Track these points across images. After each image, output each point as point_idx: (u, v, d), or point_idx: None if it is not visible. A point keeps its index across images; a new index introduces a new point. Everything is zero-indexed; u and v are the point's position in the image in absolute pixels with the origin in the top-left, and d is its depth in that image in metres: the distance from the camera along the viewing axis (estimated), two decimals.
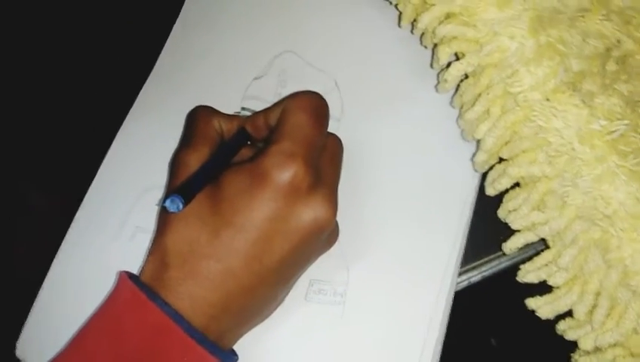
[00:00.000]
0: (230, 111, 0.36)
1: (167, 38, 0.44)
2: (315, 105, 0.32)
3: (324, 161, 0.32)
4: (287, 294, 0.34)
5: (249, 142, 0.35)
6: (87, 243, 0.40)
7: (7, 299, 0.41)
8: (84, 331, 0.30)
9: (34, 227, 0.42)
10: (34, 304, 0.39)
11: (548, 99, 0.30)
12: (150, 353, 0.28)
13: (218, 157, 0.32)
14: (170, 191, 0.30)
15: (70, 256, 0.40)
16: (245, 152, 0.34)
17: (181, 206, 0.28)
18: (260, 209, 0.29)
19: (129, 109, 0.43)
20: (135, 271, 0.32)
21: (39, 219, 0.42)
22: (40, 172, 0.45)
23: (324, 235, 0.31)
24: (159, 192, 0.39)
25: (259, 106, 0.37)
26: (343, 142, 0.34)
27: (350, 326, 0.34)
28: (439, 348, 0.33)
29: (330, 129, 0.33)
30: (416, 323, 0.33)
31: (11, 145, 0.45)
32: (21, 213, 0.44)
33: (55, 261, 0.40)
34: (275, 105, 0.33)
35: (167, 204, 0.28)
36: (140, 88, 0.43)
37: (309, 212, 0.29)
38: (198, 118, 0.34)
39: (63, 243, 0.40)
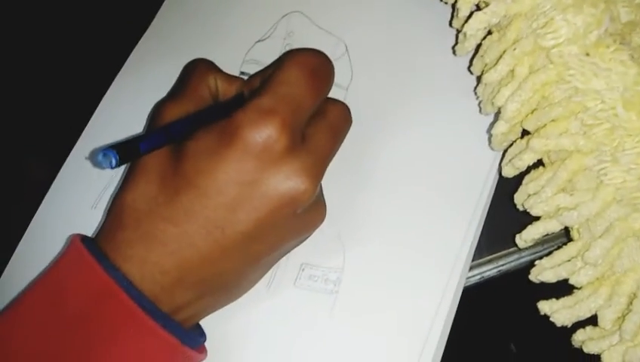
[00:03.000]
0: None
1: None
2: (313, 63, 0.29)
3: (317, 128, 0.29)
4: (262, 275, 0.32)
5: None
6: (64, 209, 0.39)
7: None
8: (26, 292, 0.29)
9: (35, 199, 0.41)
10: (5, 270, 0.38)
11: (588, 54, 0.26)
12: (91, 319, 0.27)
13: (194, 117, 0.30)
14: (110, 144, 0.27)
15: (46, 222, 0.39)
16: None
17: (114, 162, 0.25)
18: (225, 171, 0.27)
19: None
20: None
21: (39, 190, 0.42)
22: (42, 147, 0.45)
23: (299, 209, 0.28)
24: None
25: None
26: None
27: (340, 321, 0.31)
28: (441, 351, 0.31)
29: (337, 97, 0.32)
30: (417, 322, 0.30)
31: (16, 122, 0.46)
32: (23, 186, 0.45)
33: (31, 225, 0.39)
34: (273, 63, 0.31)
35: (100, 158, 0.26)
36: None
37: (281, 179, 0.27)
38: (194, 71, 0.32)
39: (39, 209, 0.39)
